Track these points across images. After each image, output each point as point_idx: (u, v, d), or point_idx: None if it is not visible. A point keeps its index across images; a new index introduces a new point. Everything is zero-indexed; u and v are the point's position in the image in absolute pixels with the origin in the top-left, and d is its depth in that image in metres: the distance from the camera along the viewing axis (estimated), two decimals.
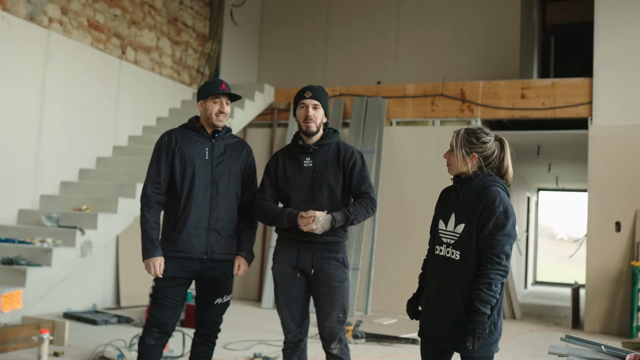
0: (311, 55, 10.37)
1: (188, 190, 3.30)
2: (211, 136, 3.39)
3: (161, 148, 3.35)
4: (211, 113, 3.34)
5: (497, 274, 2.52)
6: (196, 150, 3.34)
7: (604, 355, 2.96)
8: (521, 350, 5.91)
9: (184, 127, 3.43)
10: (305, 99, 3.26)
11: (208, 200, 3.32)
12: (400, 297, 4.53)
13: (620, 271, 7.21)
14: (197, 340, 3.47)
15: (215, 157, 3.36)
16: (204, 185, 3.31)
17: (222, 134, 3.42)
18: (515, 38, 9.16)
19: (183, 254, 3.28)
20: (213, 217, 3.32)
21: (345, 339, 3.29)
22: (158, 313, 3.29)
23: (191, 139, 3.37)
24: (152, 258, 3.25)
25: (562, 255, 21.61)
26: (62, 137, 6.92)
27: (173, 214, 3.33)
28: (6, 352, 4.83)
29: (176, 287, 3.31)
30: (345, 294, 3.22)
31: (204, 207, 3.30)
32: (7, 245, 5.80)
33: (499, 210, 2.56)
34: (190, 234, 3.28)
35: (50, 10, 6.75)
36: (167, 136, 3.38)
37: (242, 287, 8.92)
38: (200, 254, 3.30)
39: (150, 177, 3.33)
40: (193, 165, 3.31)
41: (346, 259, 3.27)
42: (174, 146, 3.34)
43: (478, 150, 2.66)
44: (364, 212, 3.18)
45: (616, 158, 7.34)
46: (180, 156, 3.32)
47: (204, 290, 3.40)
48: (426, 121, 8.31)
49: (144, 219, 3.29)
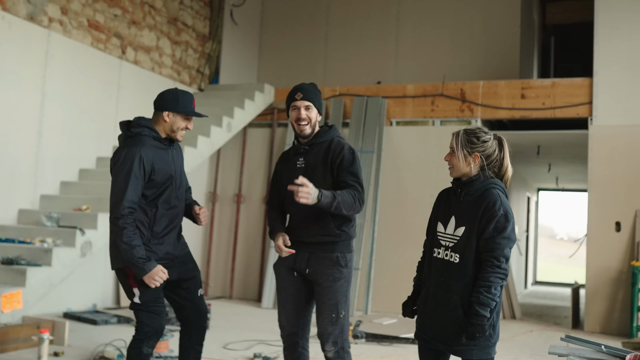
0: (311, 56, 10.37)
1: (164, 201, 3.33)
2: (169, 144, 3.42)
3: (132, 169, 3.21)
4: (178, 129, 3.36)
5: (496, 277, 2.52)
6: (166, 161, 3.35)
7: (604, 355, 2.96)
8: (521, 350, 5.91)
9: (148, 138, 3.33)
10: (296, 101, 3.21)
11: (175, 205, 3.40)
12: (400, 297, 4.51)
13: (620, 271, 7.20)
14: (192, 339, 3.46)
15: (177, 164, 3.43)
16: (175, 194, 3.39)
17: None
18: (515, 38, 9.15)
19: (162, 261, 3.31)
20: (178, 220, 3.44)
21: (342, 342, 3.16)
22: (153, 321, 3.28)
23: (156, 150, 3.32)
24: (152, 270, 3.19)
25: (562, 255, 21.61)
26: (62, 137, 6.92)
27: (148, 225, 3.30)
28: (6, 352, 4.83)
29: (161, 292, 3.35)
30: (339, 293, 3.13)
31: (173, 212, 3.39)
32: (7, 245, 5.81)
33: (500, 214, 2.56)
34: (170, 239, 3.36)
35: (50, 10, 6.75)
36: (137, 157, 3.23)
37: (242, 287, 8.92)
38: (174, 256, 3.40)
39: (127, 197, 3.18)
40: (167, 176, 3.33)
41: (343, 258, 3.15)
42: (146, 165, 3.25)
43: (479, 150, 2.66)
44: (350, 200, 3.02)
45: (616, 158, 7.34)
46: (154, 173, 3.27)
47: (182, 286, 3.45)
48: (426, 121, 8.31)
49: (128, 239, 3.16)
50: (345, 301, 3.16)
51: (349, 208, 3.02)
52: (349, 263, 3.19)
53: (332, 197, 2.95)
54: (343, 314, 3.16)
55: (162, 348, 4.80)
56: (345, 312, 3.17)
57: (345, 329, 3.19)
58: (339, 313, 3.14)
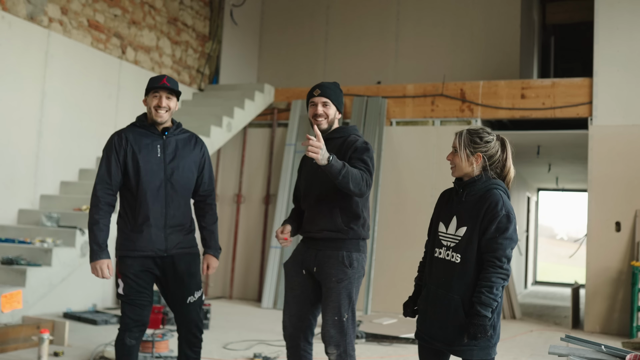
0: (311, 55, 10.37)
1: (143, 190, 3.29)
2: (161, 133, 3.39)
3: (111, 148, 3.33)
4: (150, 108, 3.35)
5: (498, 277, 2.52)
6: (147, 148, 3.33)
7: (604, 355, 2.96)
8: (521, 350, 5.91)
9: (133, 126, 3.41)
10: (314, 97, 3.22)
11: (163, 197, 3.32)
12: (400, 297, 4.51)
13: (620, 271, 7.21)
14: (182, 344, 3.43)
15: (167, 154, 3.36)
16: (158, 183, 3.31)
17: (173, 130, 3.43)
18: (515, 38, 9.16)
19: (144, 253, 3.30)
20: (169, 214, 3.34)
21: (345, 345, 3.08)
22: (135, 313, 3.30)
23: (142, 137, 3.35)
24: (98, 261, 3.26)
25: (562, 255, 21.61)
26: (62, 137, 6.92)
27: (131, 214, 3.34)
28: (6, 352, 4.83)
29: (145, 284, 3.33)
30: (342, 295, 3.06)
31: (159, 204, 3.31)
32: (7, 245, 5.81)
33: (502, 214, 2.56)
34: (149, 232, 3.29)
35: (50, 10, 6.75)
36: (117, 136, 3.36)
37: (242, 287, 8.92)
38: (160, 252, 3.32)
39: (101, 177, 3.31)
40: (145, 163, 3.30)
41: (349, 258, 3.09)
42: (125, 145, 3.32)
43: (482, 150, 2.66)
44: (358, 176, 2.95)
45: (616, 158, 7.34)
46: (132, 155, 3.31)
47: (169, 288, 3.39)
48: (426, 121, 8.31)
49: (92, 220, 3.26)
50: (349, 304, 3.09)
51: (356, 183, 2.94)
52: (354, 263, 3.11)
53: (342, 164, 2.91)
54: (346, 317, 3.08)
55: (162, 348, 4.80)
56: (349, 316, 3.10)
57: (349, 333, 3.10)
58: (341, 316, 3.07)
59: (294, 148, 8.62)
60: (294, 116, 8.75)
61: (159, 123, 3.36)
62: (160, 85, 3.32)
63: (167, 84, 3.32)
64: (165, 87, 3.32)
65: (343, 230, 3.12)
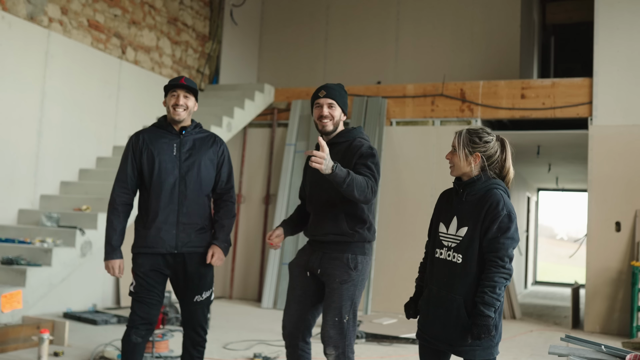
0: (311, 55, 10.37)
1: (155, 187, 3.35)
2: (179, 132, 3.43)
3: (128, 148, 3.44)
4: (169, 107, 3.41)
5: (500, 277, 2.52)
6: (163, 147, 3.39)
7: (604, 355, 2.96)
8: (521, 350, 5.91)
9: (153, 127, 3.50)
10: (319, 98, 3.21)
11: (176, 195, 3.36)
12: (400, 297, 4.52)
13: (620, 271, 7.21)
14: (187, 343, 3.48)
15: (183, 152, 3.40)
16: (172, 181, 3.36)
17: (190, 130, 3.46)
18: (515, 38, 9.16)
19: (154, 250, 3.34)
20: (182, 212, 3.36)
21: (344, 347, 3.07)
22: (142, 310, 3.34)
23: (159, 136, 3.43)
24: (110, 260, 3.36)
25: (562, 255, 21.62)
26: (62, 137, 6.92)
27: (145, 212, 3.40)
28: (6, 352, 4.83)
29: (155, 283, 3.36)
30: (344, 297, 3.06)
31: (172, 202, 3.35)
32: (7, 245, 5.81)
33: (503, 214, 2.56)
34: (159, 229, 3.33)
35: (50, 10, 6.75)
36: (134, 137, 3.45)
37: (242, 287, 8.92)
38: (171, 249, 3.35)
39: (118, 177, 3.42)
40: (159, 161, 3.36)
41: (354, 260, 3.08)
42: (142, 145, 3.40)
43: (481, 150, 2.66)
44: (363, 183, 2.92)
45: (616, 158, 7.34)
46: (148, 154, 3.38)
47: (179, 286, 3.44)
48: (426, 121, 8.31)
49: (108, 220, 3.38)
50: (351, 306, 3.08)
51: (360, 191, 2.91)
52: (359, 266, 3.10)
53: (346, 172, 2.88)
54: (347, 319, 3.07)
55: (162, 348, 4.80)
56: (350, 318, 3.09)
57: (349, 335, 3.09)
58: (342, 317, 3.06)
59: (294, 148, 8.62)
60: (294, 116, 8.75)
61: (177, 122, 3.41)
62: (178, 84, 3.38)
63: (184, 82, 3.39)
64: (182, 85, 3.38)
65: (348, 233, 3.11)
